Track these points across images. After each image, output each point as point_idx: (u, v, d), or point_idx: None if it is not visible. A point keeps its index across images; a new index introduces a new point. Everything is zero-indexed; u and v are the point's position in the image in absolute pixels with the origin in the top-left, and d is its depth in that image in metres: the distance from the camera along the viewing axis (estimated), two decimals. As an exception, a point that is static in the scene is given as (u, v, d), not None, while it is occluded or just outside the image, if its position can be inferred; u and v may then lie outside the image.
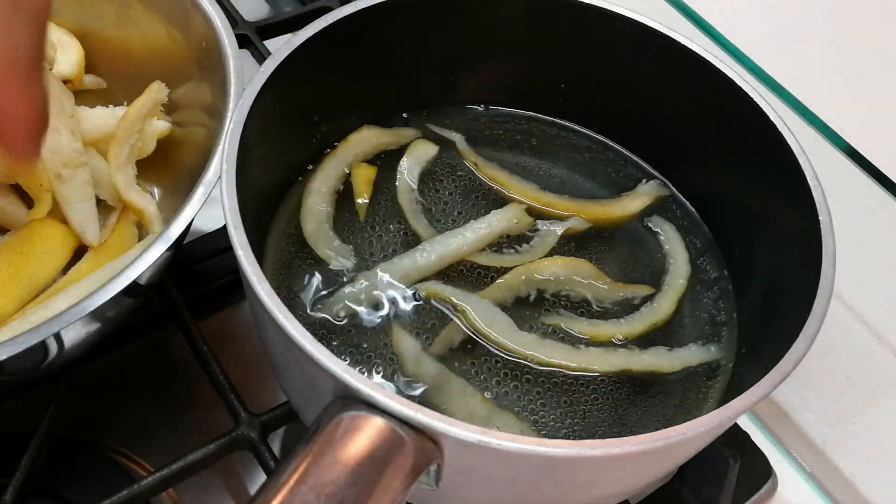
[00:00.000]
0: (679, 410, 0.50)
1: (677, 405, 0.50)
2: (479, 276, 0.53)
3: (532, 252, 0.55)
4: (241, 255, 0.41)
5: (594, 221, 0.57)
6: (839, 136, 0.66)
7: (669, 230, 0.58)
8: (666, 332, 0.53)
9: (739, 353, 0.52)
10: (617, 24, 0.57)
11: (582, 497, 0.43)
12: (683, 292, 0.55)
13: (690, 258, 0.57)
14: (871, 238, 0.66)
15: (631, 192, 0.60)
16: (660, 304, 0.54)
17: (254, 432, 0.53)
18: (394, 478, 0.35)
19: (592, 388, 0.50)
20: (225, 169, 0.44)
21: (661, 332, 0.53)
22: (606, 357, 0.50)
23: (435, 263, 0.53)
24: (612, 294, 0.54)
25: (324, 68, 0.55)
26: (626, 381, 0.50)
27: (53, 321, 0.42)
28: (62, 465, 0.55)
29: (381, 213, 0.57)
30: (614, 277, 0.55)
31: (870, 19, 0.88)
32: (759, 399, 0.39)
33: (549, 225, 0.56)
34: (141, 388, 0.61)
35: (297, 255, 0.54)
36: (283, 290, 0.52)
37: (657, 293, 0.55)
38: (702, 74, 0.55)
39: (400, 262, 0.53)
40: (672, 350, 0.52)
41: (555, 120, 0.64)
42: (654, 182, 0.61)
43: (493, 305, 0.51)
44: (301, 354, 0.38)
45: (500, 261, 0.54)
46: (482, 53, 0.61)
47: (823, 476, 0.64)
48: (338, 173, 0.58)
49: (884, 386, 0.64)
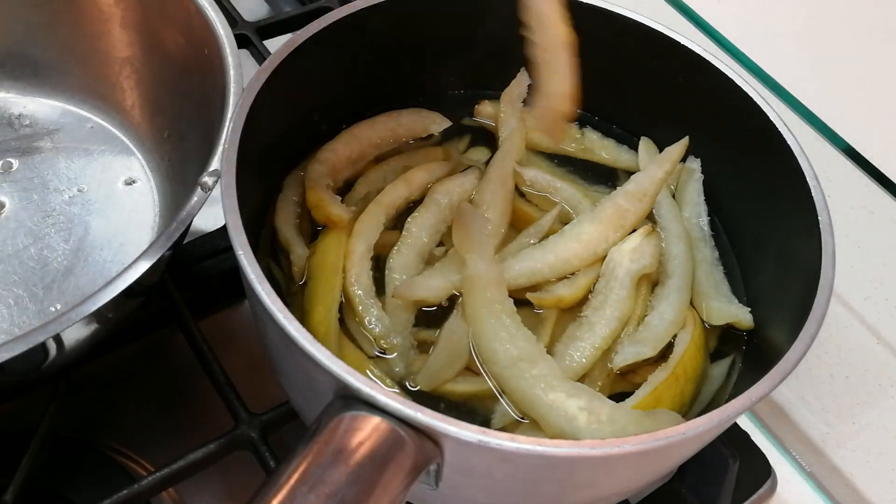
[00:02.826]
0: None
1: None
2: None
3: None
4: (241, 255, 0.41)
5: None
6: (839, 136, 0.66)
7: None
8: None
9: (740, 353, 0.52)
10: (617, 23, 0.57)
11: (582, 497, 0.43)
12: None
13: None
14: (871, 238, 0.66)
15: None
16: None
17: (254, 432, 0.53)
18: (394, 477, 0.35)
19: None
20: (225, 169, 0.44)
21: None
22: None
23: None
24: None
25: (324, 68, 0.55)
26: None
27: (53, 322, 0.43)
28: (62, 465, 0.55)
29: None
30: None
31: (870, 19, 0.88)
32: (759, 399, 0.39)
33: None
34: (141, 388, 0.61)
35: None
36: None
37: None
38: (702, 74, 0.55)
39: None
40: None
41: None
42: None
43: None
44: (301, 354, 0.38)
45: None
46: (482, 53, 0.61)
47: (823, 476, 0.64)
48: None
49: (883, 386, 0.64)
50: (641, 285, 0.52)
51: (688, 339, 0.50)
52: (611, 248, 0.53)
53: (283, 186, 0.55)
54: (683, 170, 0.59)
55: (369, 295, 0.50)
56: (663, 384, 0.47)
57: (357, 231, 0.53)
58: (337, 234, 0.53)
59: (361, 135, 0.58)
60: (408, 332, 0.50)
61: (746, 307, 0.52)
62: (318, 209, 0.53)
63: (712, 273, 0.54)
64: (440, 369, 0.48)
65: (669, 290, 0.52)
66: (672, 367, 0.48)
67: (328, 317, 0.49)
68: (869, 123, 0.76)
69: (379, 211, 0.54)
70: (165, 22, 0.61)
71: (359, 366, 0.48)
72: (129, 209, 0.65)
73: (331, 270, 0.51)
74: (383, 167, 0.58)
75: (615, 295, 0.51)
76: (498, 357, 0.47)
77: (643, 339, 0.50)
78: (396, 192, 0.56)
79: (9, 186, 0.65)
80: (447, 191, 0.56)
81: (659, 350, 0.50)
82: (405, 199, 0.56)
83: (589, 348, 0.49)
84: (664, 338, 0.50)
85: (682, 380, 0.48)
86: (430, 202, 0.55)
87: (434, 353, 0.49)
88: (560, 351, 0.50)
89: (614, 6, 0.57)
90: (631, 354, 0.49)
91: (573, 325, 0.51)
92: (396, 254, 0.53)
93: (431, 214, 0.54)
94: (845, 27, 0.87)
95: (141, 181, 0.66)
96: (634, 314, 0.51)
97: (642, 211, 0.54)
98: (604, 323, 0.50)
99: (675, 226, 0.56)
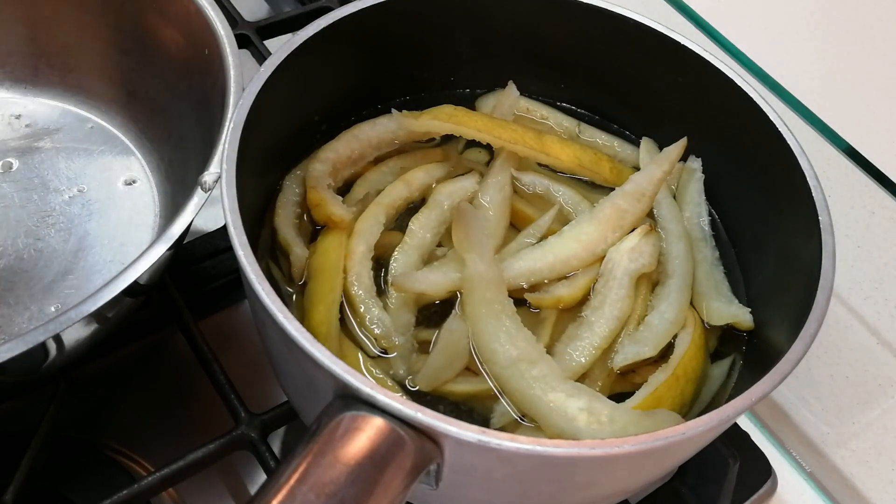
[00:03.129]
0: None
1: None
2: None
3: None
4: (241, 255, 0.41)
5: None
6: (839, 136, 0.66)
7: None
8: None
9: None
10: (617, 23, 0.57)
11: (582, 496, 0.43)
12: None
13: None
14: (871, 238, 0.66)
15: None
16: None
17: (254, 432, 0.53)
18: (394, 477, 0.35)
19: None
20: (225, 169, 0.44)
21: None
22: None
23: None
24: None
25: (324, 68, 0.55)
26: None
27: (53, 322, 0.43)
28: (62, 465, 0.55)
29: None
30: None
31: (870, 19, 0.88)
32: (759, 399, 0.39)
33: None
34: (141, 388, 0.61)
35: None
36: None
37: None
38: (702, 74, 0.55)
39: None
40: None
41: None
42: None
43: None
44: (301, 354, 0.38)
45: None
46: (482, 53, 0.61)
47: (823, 476, 0.63)
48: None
49: (883, 386, 0.64)
50: (641, 285, 0.52)
51: (688, 339, 0.50)
52: (610, 248, 0.53)
53: (282, 186, 0.55)
54: (684, 169, 0.59)
55: (370, 295, 0.50)
56: (664, 385, 0.47)
57: (358, 231, 0.53)
58: (337, 234, 0.52)
59: (362, 135, 0.58)
60: (409, 333, 0.50)
61: (746, 307, 0.52)
62: (319, 209, 0.53)
63: (712, 273, 0.54)
64: (439, 369, 0.48)
65: (670, 289, 0.52)
66: (673, 367, 0.48)
67: (329, 316, 0.49)
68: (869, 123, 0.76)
69: (379, 211, 0.54)
70: (165, 22, 0.61)
71: (359, 366, 0.48)
72: (129, 209, 0.65)
73: (332, 270, 0.51)
74: (382, 168, 0.58)
75: (614, 294, 0.51)
76: (497, 357, 0.47)
77: (643, 339, 0.50)
78: (397, 192, 0.56)
79: (9, 186, 0.65)
80: (450, 192, 0.56)
81: (659, 350, 0.50)
82: (405, 200, 0.56)
83: (588, 348, 0.49)
84: (665, 338, 0.50)
85: (683, 381, 0.48)
86: (432, 203, 0.55)
87: (433, 354, 0.49)
88: (560, 351, 0.49)
89: (614, 6, 0.57)
90: (631, 354, 0.49)
91: (573, 324, 0.51)
92: (400, 253, 0.53)
93: (434, 215, 0.55)
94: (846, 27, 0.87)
95: (141, 181, 0.66)
96: (635, 314, 0.51)
97: (641, 211, 0.54)
98: (603, 322, 0.50)
99: (676, 226, 0.56)
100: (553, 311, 0.51)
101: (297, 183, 0.55)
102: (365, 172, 0.58)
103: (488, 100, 0.63)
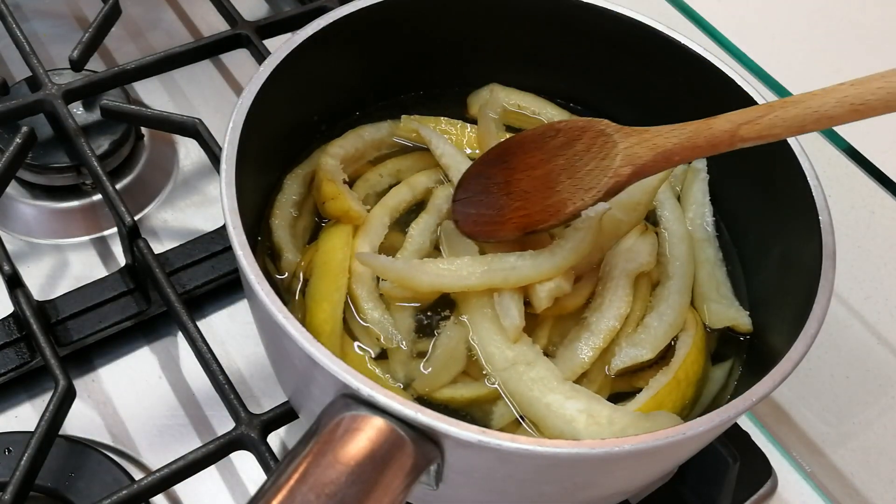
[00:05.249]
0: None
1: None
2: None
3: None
4: (241, 255, 0.41)
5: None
6: (839, 136, 0.66)
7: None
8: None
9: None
10: (617, 23, 0.57)
11: (582, 496, 0.43)
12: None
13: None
14: (871, 238, 0.66)
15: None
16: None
17: (254, 432, 0.52)
18: (394, 478, 0.35)
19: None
20: (224, 169, 0.44)
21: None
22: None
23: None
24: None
25: (323, 68, 0.55)
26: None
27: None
28: (62, 465, 0.55)
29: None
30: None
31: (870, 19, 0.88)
32: (759, 399, 0.39)
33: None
34: (141, 388, 0.61)
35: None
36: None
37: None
38: (702, 74, 0.55)
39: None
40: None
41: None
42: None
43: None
44: (301, 354, 0.38)
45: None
46: (481, 51, 0.61)
47: (823, 476, 0.63)
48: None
49: (883, 386, 0.64)
50: (641, 285, 0.52)
51: (689, 342, 0.50)
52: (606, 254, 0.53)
53: (282, 186, 0.55)
54: (689, 169, 0.59)
55: (373, 296, 0.51)
56: (665, 388, 0.47)
57: (362, 231, 0.53)
58: (343, 233, 0.53)
59: (366, 135, 0.59)
60: (410, 338, 0.50)
61: (746, 310, 0.52)
62: (335, 203, 0.53)
63: (715, 274, 0.54)
64: (436, 373, 0.48)
65: (669, 291, 0.52)
66: (674, 371, 0.48)
67: (333, 315, 0.49)
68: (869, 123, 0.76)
69: (384, 213, 0.55)
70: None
71: (360, 366, 0.48)
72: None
73: (337, 269, 0.51)
74: (380, 169, 0.58)
75: (612, 294, 0.51)
76: (494, 360, 0.47)
77: (641, 342, 0.50)
78: (401, 195, 0.56)
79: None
80: (447, 196, 0.56)
81: (658, 353, 0.50)
82: (408, 203, 0.57)
83: (588, 348, 0.49)
84: (663, 340, 0.50)
85: (684, 384, 0.48)
86: (431, 208, 0.56)
87: (430, 358, 0.49)
88: (559, 351, 0.50)
89: (614, 6, 0.57)
90: (629, 357, 0.49)
91: (572, 325, 0.51)
92: (400, 256, 0.53)
93: (433, 220, 0.55)
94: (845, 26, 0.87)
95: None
96: (634, 314, 0.51)
97: (635, 220, 0.54)
98: (603, 322, 0.50)
99: (678, 227, 0.56)
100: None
101: (298, 182, 0.55)
102: (363, 173, 0.58)
103: (480, 94, 0.63)
